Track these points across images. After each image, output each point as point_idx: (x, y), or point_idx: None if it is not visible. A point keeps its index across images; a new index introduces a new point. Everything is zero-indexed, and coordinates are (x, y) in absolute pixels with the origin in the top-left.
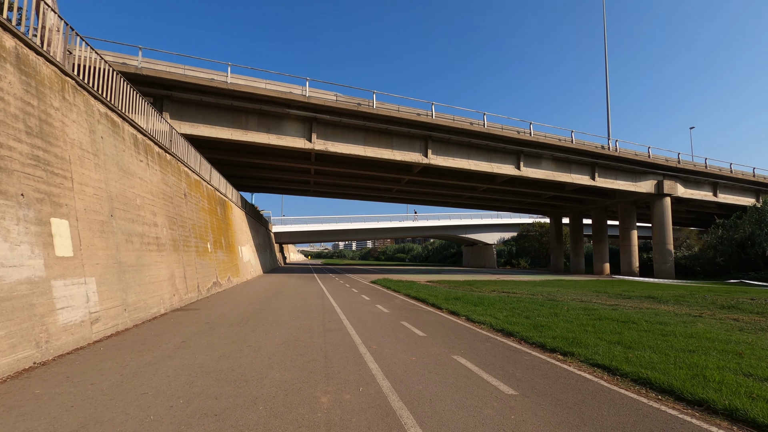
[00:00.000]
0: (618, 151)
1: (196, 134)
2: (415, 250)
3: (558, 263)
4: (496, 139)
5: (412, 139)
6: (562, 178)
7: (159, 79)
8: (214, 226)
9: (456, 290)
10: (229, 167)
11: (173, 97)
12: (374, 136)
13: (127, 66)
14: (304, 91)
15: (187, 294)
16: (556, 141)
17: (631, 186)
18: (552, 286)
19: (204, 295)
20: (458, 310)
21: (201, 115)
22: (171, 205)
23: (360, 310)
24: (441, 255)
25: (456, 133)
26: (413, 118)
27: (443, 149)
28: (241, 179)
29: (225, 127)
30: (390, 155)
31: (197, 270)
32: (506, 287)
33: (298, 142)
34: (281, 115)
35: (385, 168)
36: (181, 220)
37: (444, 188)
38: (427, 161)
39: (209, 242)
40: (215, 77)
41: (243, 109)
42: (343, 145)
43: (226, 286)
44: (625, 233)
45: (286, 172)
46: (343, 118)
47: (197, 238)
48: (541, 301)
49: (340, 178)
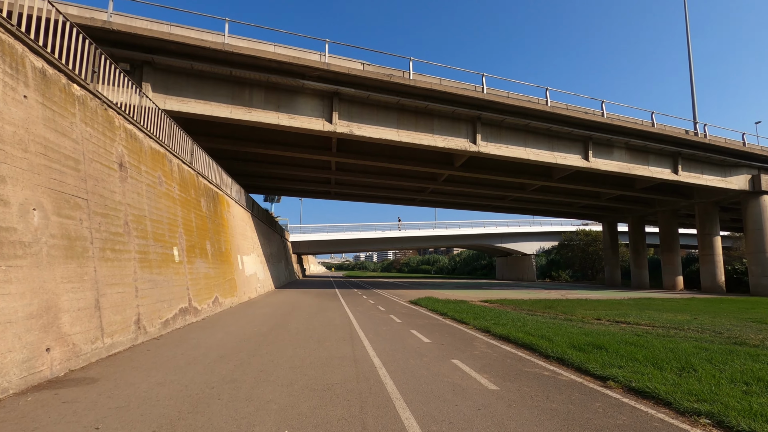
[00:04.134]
0: (708, 138)
1: (186, 111)
2: (441, 262)
3: (613, 276)
4: (561, 121)
5: (456, 122)
6: (639, 172)
7: (136, 38)
8: (193, 224)
9: (542, 316)
10: (233, 162)
11: (156, 63)
12: (410, 116)
13: (94, 20)
14: (322, 57)
15: (99, 341)
16: (632, 124)
17: (719, 182)
18: (663, 309)
19: (154, 334)
20: (644, 386)
21: (192, 87)
22: (71, 173)
23: (438, 389)
24: (470, 267)
25: (512, 113)
26: (459, 92)
27: (495, 134)
28: (250, 178)
29: (223, 103)
30: (430, 141)
31: (139, 292)
32: (601, 310)
33: (315, 123)
34: (294, 89)
35: (421, 160)
36: (104, 205)
37: (488, 187)
38: (476, 149)
39: (177, 247)
40: (209, 38)
41: (245, 80)
42: (372, 128)
43: (209, 312)
44: (706, 240)
45: (302, 167)
46: (372, 93)
47: (146, 239)
48: (722, 345)
49: (366, 175)
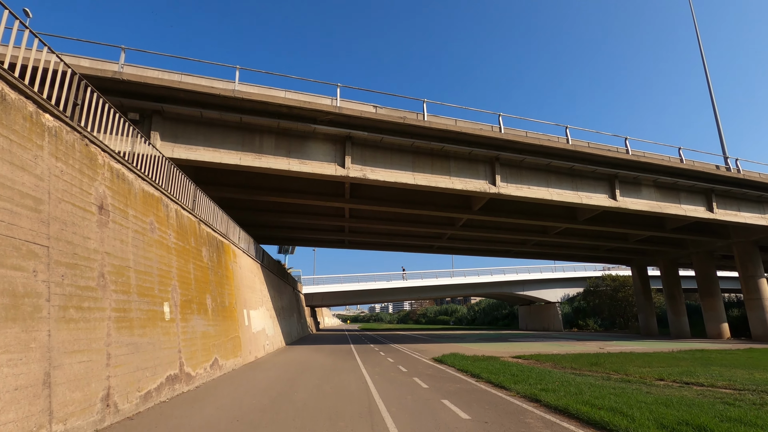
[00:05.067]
0: (742, 173)
1: (195, 159)
2: (460, 312)
3: (649, 324)
4: (584, 160)
5: (474, 163)
6: (671, 210)
7: (146, 87)
8: (191, 276)
9: (592, 377)
10: (245, 212)
11: (166, 112)
12: (425, 158)
13: (104, 71)
14: (334, 101)
15: (44, 429)
16: (660, 161)
17: (759, 219)
18: (729, 365)
19: (128, 412)
20: None
21: (201, 135)
22: (28, 214)
23: None
24: (490, 316)
25: (531, 152)
26: (476, 132)
27: (515, 175)
28: (262, 228)
29: (232, 150)
30: (447, 183)
31: (112, 359)
32: (658, 366)
33: (327, 167)
34: (305, 134)
35: (438, 205)
36: (73, 254)
37: (509, 231)
38: (496, 190)
39: (169, 302)
40: (220, 85)
41: (256, 126)
42: (386, 171)
43: (205, 378)
44: (751, 283)
45: (315, 216)
46: (385, 136)
47: (128, 294)
48: None
49: (381, 222)
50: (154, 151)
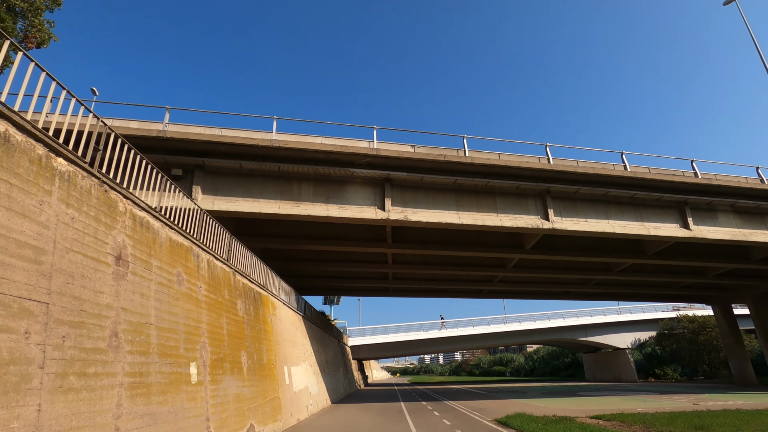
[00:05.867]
0: None
1: (235, 210)
2: (516, 362)
3: (744, 372)
4: (646, 187)
5: (522, 198)
6: (756, 238)
7: (188, 143)
8: (224, 331)
9: None
10: (286, 262)
11: (207, 166)
12: (470, 196)
13: (149, 131)
14: (371, 144)
15: None
16: (736, 183)
17: None
18: None
19: None
20: None
21: (241, 186)
22: (25, 266)
23: None
24: (551, 366)
25: (585, 182)
26: (522, 164)
27: (569, 208)
28: (304, 279)
29: (271, 199)
30: (495, 221)
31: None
32: None
33: (367, 211)
34: (343, 179)
35: (486, 245)
36: (79, 311)
37: (566, 271)
38: (549, 225)
39: (196, 362)
40: (257, 136)
41: (294, 174)
42: (428, 212)
43: None
44: None
45: (357, 263)
46: (426, 175)
47: (146, 355)
48: None
49: (426, 267)
50: (187, 202)
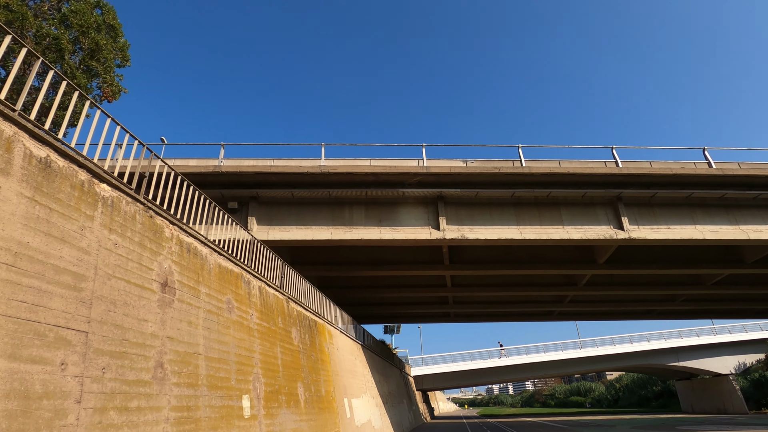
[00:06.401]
0: None
1: (289, 239)
2: (596, 391)
3: None
4: (738, 185)
5: (590, 207)
6: None
7: (242, 176)
8: (278, 361)
9: None
10: (343, 291)
11: (261, 197)
12: (530, 209)
13: (206, 167)
14: (420, 162)
15: None
16: None
17: None
18: None
19: None
20: None
21: (293, 215)
22: (63, 292)
23: None
24: (637, 396)
25: (663, 184)
26: (587, 170)
27: (646, 214)
28: (361, 307)
29: (323, 225)
30: (561, 234)
31: None
32: None
33: (421, 232)
34: (394, 200)
35: (552, 262)
36: (122, 340)
37: (647, 287)
38: (625, 235)
39: (249, 395)
40: (307, 163)
41: (344, 199)
42: (486, 229)
43: None
44: None
45: (415, 288)
46: (480, 190)
47: (195, 387)
48: None
49: (488, 288)
50: (243, 233)
